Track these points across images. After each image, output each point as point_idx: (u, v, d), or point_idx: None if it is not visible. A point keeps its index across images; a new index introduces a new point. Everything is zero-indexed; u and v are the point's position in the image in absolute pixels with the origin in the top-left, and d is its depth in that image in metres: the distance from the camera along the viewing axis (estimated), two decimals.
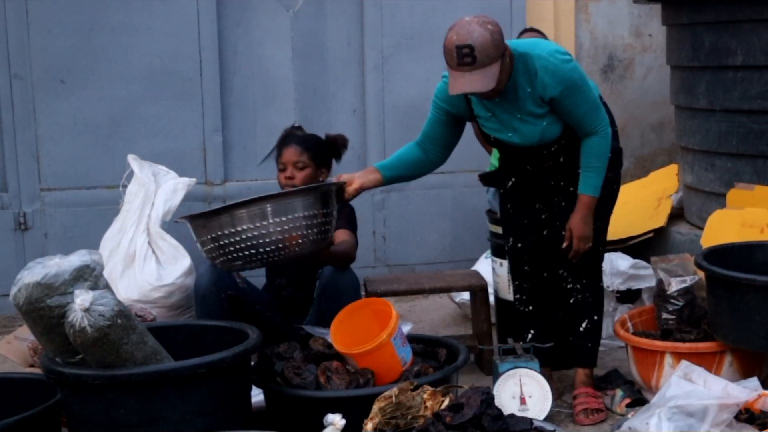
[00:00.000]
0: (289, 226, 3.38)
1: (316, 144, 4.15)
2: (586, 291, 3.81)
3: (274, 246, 3.38)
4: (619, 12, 6.14)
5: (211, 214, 3.42)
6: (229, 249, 3.40)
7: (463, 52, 3.32)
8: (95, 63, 5.16)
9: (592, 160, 3.58)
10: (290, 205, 3.40)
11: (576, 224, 3.62)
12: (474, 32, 3.34)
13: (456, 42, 3.34)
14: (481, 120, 3.64)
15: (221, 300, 3.92)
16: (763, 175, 4.58)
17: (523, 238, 3.84)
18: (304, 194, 3.46)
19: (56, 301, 2.97)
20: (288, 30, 5.44)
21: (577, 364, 3.89)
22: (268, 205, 3.38)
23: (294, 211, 3.40)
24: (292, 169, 4.05)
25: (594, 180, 3.59)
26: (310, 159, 4.07)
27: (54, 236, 5.18)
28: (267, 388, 3.42)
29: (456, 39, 3.34)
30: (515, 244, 3.87)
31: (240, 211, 3.37)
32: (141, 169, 4.54)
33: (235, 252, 3.39)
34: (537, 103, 3.50)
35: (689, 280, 3.91)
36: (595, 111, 3.56)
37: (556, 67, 3.46)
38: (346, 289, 3.88)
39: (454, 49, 3.34)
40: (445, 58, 3.39)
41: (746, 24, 4.53)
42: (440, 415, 2.77)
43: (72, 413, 3.17)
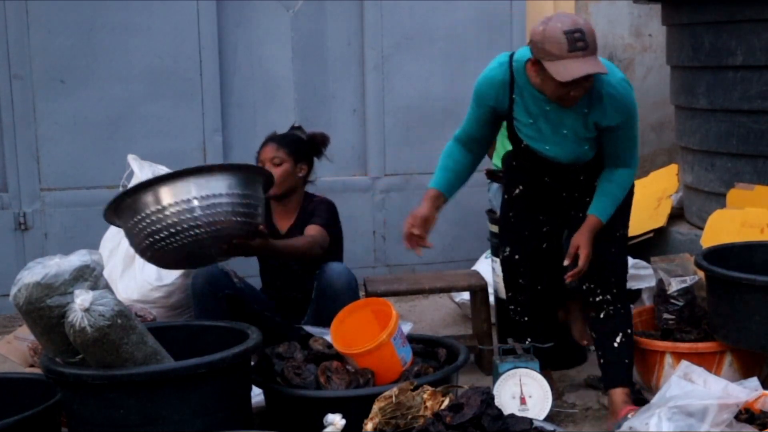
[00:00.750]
0: (212, 202, 3.34)
1: (293, 140, 4.16)
2: (617, 302, 3.63)
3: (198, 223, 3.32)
4: (619, 12, 6.15)
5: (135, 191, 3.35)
6: (153, 230, 3.32)
7: (575, 37, 3.16)
8: (95, 63, 5.16)
9: (616, 190, 3.50)
10: (213, 179, 3.36)
11: (585, 243, 3.46)
12: (578, 19, 3.23)
13: (563, 28, 3.17)
14: (519, 124, 3.49)
15: (218, 300, 3.93)
16: (763, 175, 4.58)
17: (521, 249, 3.73)
18: (228, 170, 3.42)
19: (56, 301, 2.97)
20: (288, 30, 5.44)
21: (613, 384, 3.63)
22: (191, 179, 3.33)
23: (218, 188, 3.36)
24: (269, 166, 4.05)
25: (610, 208, 3.50)
26: (287, 154, 4.08)
27: (54, 236, 5.18)
28: (267, 388, 3.42)
29: (562, 26, 3.17)
30: (512, 255, 3.76)
31: (162, 187, 3.32)
32: (141, 169, 4.54)
33: (160, 234, 3.32)
34: (588, 127, 3.40)
35: (689, 280, 3.91)
36: (635, 146, 3.49)
37: (623, 97, 3.35)
38: (343, 290, 3.88)
39: (563, 34, 3.16)
40: (545, 47, 3.19)
41: (746, 24, 4.53)
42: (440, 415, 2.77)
43: (72, 413, 3.17)
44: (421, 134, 5.65)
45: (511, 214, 3.74)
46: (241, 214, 3.42)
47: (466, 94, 5.57)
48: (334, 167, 5.55)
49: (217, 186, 3.37)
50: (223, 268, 4.00)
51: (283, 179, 4.04)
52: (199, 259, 3.58)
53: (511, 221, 3.74)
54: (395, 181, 5.67)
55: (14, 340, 4.13)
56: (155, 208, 3.32)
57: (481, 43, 5.66)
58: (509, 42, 5.69)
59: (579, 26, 3.19)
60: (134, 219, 3.36)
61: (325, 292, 3.90)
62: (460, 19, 5.62)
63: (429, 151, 5.65)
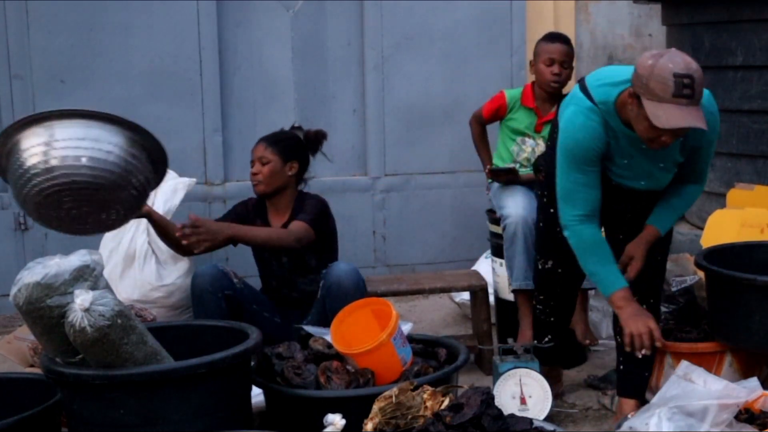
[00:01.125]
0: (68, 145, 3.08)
1: (283, 139, 4.19)
2: (654, 312, 3.52)
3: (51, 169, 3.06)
4: (619, 12, 6.15)
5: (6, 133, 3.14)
6: (20, 179, 3.10)
7: (684, 82, 2.97)
8: (95, 63, 5.16)
9: (683, 206, 3.45)
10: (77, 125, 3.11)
11: (641, 255, 3.37)
12: (692, 63, 3.02)
13: (674, 69, 2.98)
14: (612, 165, 3.31)
15: (218, 300, 3.93)
16: (763, 175, 4.59)
17: (567, 265, 3.54)
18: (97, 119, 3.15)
19: (56, 301, 2.97)
20: (288, 30, 5.44)
21: (627, 393, 3.57)
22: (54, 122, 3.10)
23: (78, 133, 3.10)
24: (257, 165, 4.10)
25: (671, 222, 3.45)
26: (274, 153, 4.09)
27: (54, 236, 5.14)
28: (267, 388, 3.42)
29: (673, 66, 2.98)
30: (554, 269, 3.65)
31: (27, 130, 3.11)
32: None
33: (23, 181, 3.10)
34: (684, 152, 3.29)
35: (689, 280, 3.91)
36: (710, 162, 3.44)
37: (715, 117, 3.27)
38: (351, 289, 3.89)
39: (672, 77, 2.97)
40: (649, 84, 3.00)
41: (746, 24, 4.53)
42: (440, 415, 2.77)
43: (72, 413, 3.17)
44: (421, 134, 5.66)
45: (558, 229, 3.45)
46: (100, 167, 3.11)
47: (466, 94, 5.63)
48: (334, 167, 5.57)
49: (78, 132, 3.10)
50: (223, 269, 4.02)
51: (271, 178, 4.07)
52: (82, 221, 3.29)
53: (558, 237, 3.47)
54: (395, 181, 5.67)
55: (14, 340, 4.13)
56: (18, 155, 3.10)
57: (481, 43, 5.66)
58: (509, 42, 5.69)
59: (691, 72, 3.00)
60: (10, 168, 3.14)
61: (333, 291, 3.90)
62: (460, 19, 5.62)
63: (429, 151, 5.67)
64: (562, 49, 4.37)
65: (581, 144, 3.22)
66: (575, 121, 3.23)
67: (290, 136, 4.23)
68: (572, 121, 3.24)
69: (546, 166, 3.58)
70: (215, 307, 3.93)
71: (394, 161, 5.65)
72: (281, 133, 4.27)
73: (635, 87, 3.07)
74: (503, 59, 5.70)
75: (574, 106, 3.26)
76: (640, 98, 3.04)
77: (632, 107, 3.11)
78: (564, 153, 3.26)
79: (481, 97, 5.48)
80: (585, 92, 3.26)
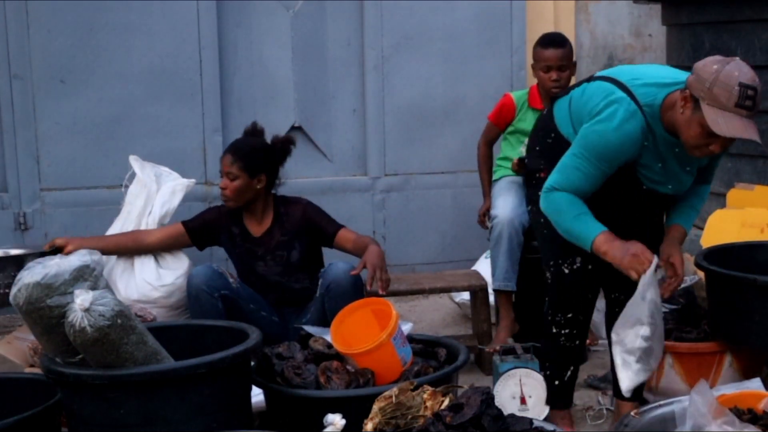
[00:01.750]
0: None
1: (249, 152, 4.10)
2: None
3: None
4: (619, 12, 6.15)
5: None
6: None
7: (747, 93, 2.93)
8: (95, 63, 5.16)
9: (700, 204, 3.45)
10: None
11: (678, 252, 3.33)
12: (756, 76, 2.98)
13: (740, 78, 2.93)
14: (644, 169, 3.23)
15: (215, 300, 3.96)
16: (763, 175, 4.59)
17: (596, 257, 3.26)
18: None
19: (56, 301, 2.97)
20: (288, 30, 5.44)
21: (624, 397, 3.51)
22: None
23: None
24: (225, 180, 4.09)
25: (693, 221, 3.44)
26: (241, 169, 4.05)
27: (54, 236, 5.14)
28: (267, 388, 3.42)
29: (739, 75, 2.94)
30: (585, 266, 3.37)
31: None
32: (143, 170, 4.53)
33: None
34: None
35: (689, 280, 3.91)
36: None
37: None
38: (349, 288, 3.90)
39: (737, 86, 2.92)
40: (713, 90, 2.94)
41: (746, 24, 4.53)
42: (440, 415, 2.77)
43: (72, 413, 3.17)
44: (421, 134, 5.65)
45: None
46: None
47: (466, 95, 5.63)
48: (334, 167, 5.57)
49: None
50: (218, 269, 4.05)
51: (239, 194, 4.09)
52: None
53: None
54: (395, 181, 5.67)
55: (14, 340, 4.13)
56: None
57: (481, 43, 5.66)
58: (509, 42, 5.69)
59: (756, 84, 2.96)
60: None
61: (332, 290, 3.92)
62: (460, 19, 5.62)
63: (429, 151, 5.67)
64: (558, 54, 4.36)
65: (614, 148, 3.13)
66: (621, 126, 3.09)
67: (257, 148, 4.15)
68: (617, 124, 3.10)
69: (548, 162, 3.36)
70: (211, 306, 3.94)
71: (394, 161, 5.65)
72: (247, 143, 4.17)
73: (694, 90, 2.99)
74: (503, 59, 5.70)
75: (619, 107, 3.11)
76: (697, 102, 2.97)
77: (684, 110, 3.02)
78: (591, 144, 3.14)
79: (481, 97, 5.51)
80: (626, 91, 3.13)
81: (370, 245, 4.02)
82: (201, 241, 4.29)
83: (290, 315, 4.17)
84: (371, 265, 3.91)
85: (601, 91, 3.19)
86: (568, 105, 3.34)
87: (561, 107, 3.38)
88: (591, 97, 3.22)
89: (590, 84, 3.29)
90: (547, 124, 3.44)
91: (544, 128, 3.45)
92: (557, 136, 3.36)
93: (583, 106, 3.25)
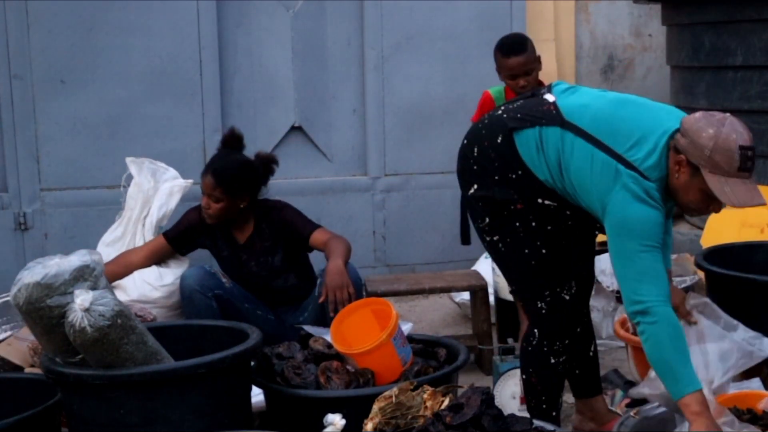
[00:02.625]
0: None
1: (231, 178, 4.03)
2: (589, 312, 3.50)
3: None
4: (619, 12, 6.15)
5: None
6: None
7: (748, 155, 2.81)
8: (95, 63, 5.16)
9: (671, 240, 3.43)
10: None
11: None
12: (747, 131, 2.88)
13: (739, 142, 2.81)
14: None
15: (208, 300, 3.97)
16: (763, 175, 4.59)
17: (586, 281, 3.34)
18: None
19: (56, 301, 2.97)
20: (288, 30, 5.44)
21: (597, 392, 3.54)
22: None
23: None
24: (207, 199, 4.08)
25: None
26: (223, 193, 4.04)
27: (54, 236, 5.18)
28: (267, 388, 3.42)
29: (737, 138, 2.81)
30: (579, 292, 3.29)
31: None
32: (140, 172, 4.53)
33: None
34: None
35: (689, 280, 3.92)
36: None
37: None
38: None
39: (738, 150, 2.79)
40: (713, 157, 2.80)
41: (746, 24, 4.53)
42: (440, 415, 2.77)
43: (72, 413, 3.17)
44: (421, 134, 5.65)
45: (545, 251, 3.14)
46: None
47: (466, 95, 5.62)
48: (334, 167, 5.57)
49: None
50: (210, 269, 4.07)
51: (222, 214, 4.09)
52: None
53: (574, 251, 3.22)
54: (395, 181, 5.67)
55: (14, 341, 4.12)
56: None
57: (481, 43, 5.65)
58: None
59: (752, 143, 2.86)
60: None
61: None
62: (460, 19, 5.62)
63: (429, 151, 5.66)
64: (520, 60, 4.24)
65: (655, 229, 2.89)
66: (631, 205, 2.88)
67: (238, 171, 4.08)
68: (628, 205, 2.88)
69: (521, 193, 3.12)
70: (206, 306, 3.96)
71: (394, 161, 5.64)
72: (228, 165, 4.08)
73: (691, 157, 2.84)
74: None
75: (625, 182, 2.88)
76: (696, 168, 2.84)
77: (679, 175, 2.88)
78: (638, 237, 2.87)
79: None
80: (629, 167, 2.90)
81: (331, 260, 3.88)
82: (184, 248, 4.31)
83: (285, 313, 4.18)
84: (329, 288, 3.80)
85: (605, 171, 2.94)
86: (538, 148, 3.04)
87: (526, 145, 3.07)
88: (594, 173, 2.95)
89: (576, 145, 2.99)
90: (508, 158, 3.10)
91: (504, 161, 3.11)
92: (526, 174, 3.08)
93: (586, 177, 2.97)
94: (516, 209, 3.12)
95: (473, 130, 3.26)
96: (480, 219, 3.22)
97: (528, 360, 3.26)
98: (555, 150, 3.01)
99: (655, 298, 2.84)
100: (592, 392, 3.53)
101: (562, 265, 3.17)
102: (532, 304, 3.21)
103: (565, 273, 3.19)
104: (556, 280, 3.18)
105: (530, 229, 3.12)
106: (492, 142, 3.12)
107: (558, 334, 3.21)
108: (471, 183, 3.21)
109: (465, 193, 3.26)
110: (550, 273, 3.16)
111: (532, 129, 3.05)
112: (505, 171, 3.11)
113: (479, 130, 3.20)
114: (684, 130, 2.87)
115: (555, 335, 3.20)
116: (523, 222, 3.13)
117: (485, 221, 3.20)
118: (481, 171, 3.16)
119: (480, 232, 3.26)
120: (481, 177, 3.17)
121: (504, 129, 3.09)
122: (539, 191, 3.08)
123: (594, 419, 3.52)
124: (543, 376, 3.23)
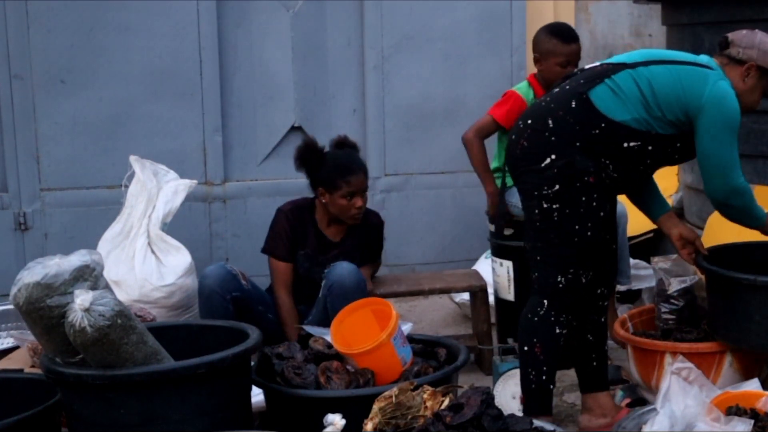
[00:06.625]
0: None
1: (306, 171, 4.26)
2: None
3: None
4: (619, 12, 6.15)
5: None
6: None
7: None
8: (95, 63, 5.16)
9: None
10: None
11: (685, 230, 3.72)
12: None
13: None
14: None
15: (226, 302, 3.96)
16: (763, 175, 4.58)
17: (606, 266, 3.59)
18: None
19: (56, 301, 2.97)
20: (288, 30, 5.44)
21: (606, 387, 3.66)
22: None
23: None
24: (360, 198, 4.17)
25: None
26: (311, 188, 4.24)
27: (54, 236, 5.18)
28: (267, 388, 3.42)
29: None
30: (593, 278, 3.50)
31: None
32: (143, 170, 4.54)
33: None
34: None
35: (689, 280, 3.91)
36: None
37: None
38: (352, 288, 3.91)
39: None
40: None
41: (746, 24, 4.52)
42: (440, 415, 2.77)
43: (72, 413, 3.17)
44: (421, 134, 5.66)
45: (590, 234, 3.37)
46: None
47: (466, 94, 5.63)
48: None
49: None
50: (231, 270, 4.05)
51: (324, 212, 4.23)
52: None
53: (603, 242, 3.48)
54: (395, 181, 5.67)
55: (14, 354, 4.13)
56: None
57: (481, 43, 5.66)
58: (509, 42, 5.69)
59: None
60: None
61: (334, 290, 3.92)
62: (460, 19, 5.62)
63: (429, 151, 5.67)
64: (577, 48, 4.31)
65: (738, 115, 3.37)
66: (731, 94, 3.36)
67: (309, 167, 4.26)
68: (729, 94, 3.36)
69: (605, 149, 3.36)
70: (222, 309, 3.95)
71: (394, 161, 5.65)
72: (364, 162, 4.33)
73: (761, 62, 3.39)
74: (503, 59, 5.70)
75: (719, 80, 3.38)
76: (765, 72, 3.41)
77: (748, 80, 3.42)
78: (729, 124, 3.35)
79: (481, 97, 5.50)
80: (703, 66, 3.43)
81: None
82: (291, 256, 4.24)
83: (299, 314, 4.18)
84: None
85: (696, 77, 3.39)
86: (615, 93, 3.33)
87: (602, 98, 3.33)
88: (684, 82, 3.36)
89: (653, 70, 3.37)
90: (587, 117, 3.33)
91: (584, 122, 3.32)
92: (608, 124, 3.31)
93: (677, 91, 3.34)
94: (588, 182, 3.32)
95: (534, 109, 3.45)
96: (547, 186, 3.33)
97: (532, 330, 3.39)
98: (632, 88, 3.32)
99: (742, 179, 3.42)
100: (602, 386, 3.63)
101: (594, 251, 3.39)
102: (552, 276, 3.37)
103: (592, 259, 3.40)
104: (582, 263, 3.37)
105: (590, 208, 3.33)
106: (566, 109, 3.34)
107: (568, 308, 3.39)
108: (547, 154, 3.34)
109: (534, 167, 3.36)
110: (583, 255, 3.36)
111: (602, 84, 3.33)
112: (586, 131, 3.32)
113: (543, 108, 3.39)
114: (746, 43, 3.44)
115: (565, 308, 3.38)
116: (588, 198, 3.33)
117: (553, 188, 3.33)
118: (560, 140, 3.33)
119: (538, 199, 3.36)
120: (560, 146, 3.33)
121: (575, 93, 3.35)
122: (624, 136, 3.32)
123: (605, 414, 3.61)
124: (547, 345, 3.38)
